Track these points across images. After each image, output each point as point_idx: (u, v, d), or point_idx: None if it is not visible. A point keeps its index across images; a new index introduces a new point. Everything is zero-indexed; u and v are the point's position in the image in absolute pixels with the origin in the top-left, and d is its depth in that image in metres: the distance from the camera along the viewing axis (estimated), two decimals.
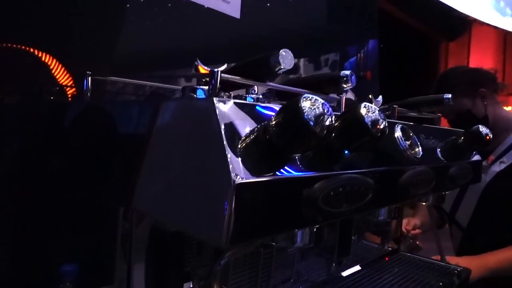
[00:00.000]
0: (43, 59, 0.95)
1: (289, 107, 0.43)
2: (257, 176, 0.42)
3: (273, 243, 0.56)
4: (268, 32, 1.46)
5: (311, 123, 0.42)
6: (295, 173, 0.47)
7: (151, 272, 0.64)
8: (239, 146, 0.44)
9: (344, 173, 0.54)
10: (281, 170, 0.46)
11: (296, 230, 0.56)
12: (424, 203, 0.97)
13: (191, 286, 0.72)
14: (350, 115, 0.53)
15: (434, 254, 1.20)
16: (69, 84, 0.99)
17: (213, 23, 1.26)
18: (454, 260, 1.19)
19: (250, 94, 0.78)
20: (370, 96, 0.99)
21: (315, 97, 0.45)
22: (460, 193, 1.43)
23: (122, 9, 1.09)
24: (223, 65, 0.75)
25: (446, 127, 1.13)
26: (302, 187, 0.47)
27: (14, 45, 0.90)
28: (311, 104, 0.44)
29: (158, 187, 0.48)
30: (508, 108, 4.47)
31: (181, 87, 0.73)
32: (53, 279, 0.84)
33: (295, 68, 1.65)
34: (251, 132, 0.46)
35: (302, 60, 1.73)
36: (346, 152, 0.56)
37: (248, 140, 0.45)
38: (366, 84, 2.18)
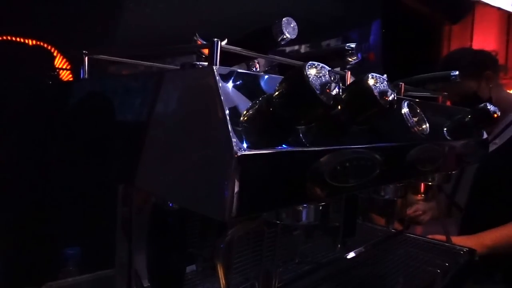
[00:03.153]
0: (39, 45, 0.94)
1: (294, 74, 0.41)
2: (261, 149, 0.40)
3: (278, 222, 0.54)
4: (269, 13, 1.42)
5: (317, 91, 0.40)
6: (300, 147, 0.45)
7: (153, 254, 0.63)
8: (242, 118, 0.42)
9: (351, 147, 0.52)
10: (286, 143, 0.44)
11: (301, 207, 0.55)
12: (430, 183, 0.95)
13: (195, 268, 0.71)
14: (358, 85, 0.50)
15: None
16: (65, 67, 0.98)
17: (213, 3, 1.23)
18: (453, 239, 1.19)
19: (251, 70, 0.76)
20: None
21: (321, 64, 0.42)
22: (458, 174, 1.45)
23: None
24: (223, 40, 0.73)
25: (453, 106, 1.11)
26: (308, 160, 0.45)
27: (11, 37, 0.89)
28: (317, 72, 0.41)
29: (159, 163, 0.47)
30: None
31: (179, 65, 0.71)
32: (56, 262, 0.83)
33: (296, 53, 1.62)
34: (254, 103, 0.44)
35: (303, 47, 1.70)
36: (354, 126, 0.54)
37: (250, 112, 0.43)
38: (370, 66, 2.14)
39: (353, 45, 0.65)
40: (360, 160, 0.53)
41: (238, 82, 0.43)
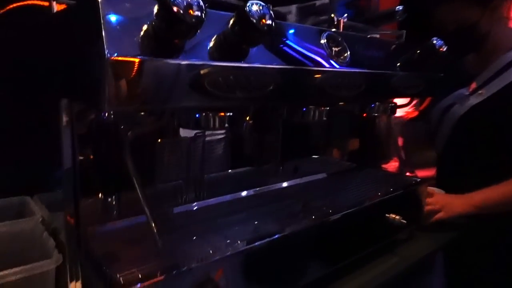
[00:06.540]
0: None
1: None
2: (128, 56, 0.51)
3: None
4: None
5: (181, 11, 0.50)
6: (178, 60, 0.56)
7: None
8: (138, 38, 0.54)
9: (246, 66, 0.63)
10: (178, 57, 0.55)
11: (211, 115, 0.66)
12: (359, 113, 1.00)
13: None
14: (239, 11, 0.59)
15: None
16: None
17: None
18: (440, 197, 1.21)
19: None
20: (332, 15, 1.03)
21: None
22: (439, 121, 1.43)
23: None
24: None
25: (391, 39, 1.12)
26: (183, 70, 0.56)
27: None
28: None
29: (71, 72, 0.61)
30: None
31: None
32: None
33: None
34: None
35: None
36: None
37: (143, 33, 0.54)
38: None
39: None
40: (248, 75, 0.63)
41: (122, 8, 0.54)
